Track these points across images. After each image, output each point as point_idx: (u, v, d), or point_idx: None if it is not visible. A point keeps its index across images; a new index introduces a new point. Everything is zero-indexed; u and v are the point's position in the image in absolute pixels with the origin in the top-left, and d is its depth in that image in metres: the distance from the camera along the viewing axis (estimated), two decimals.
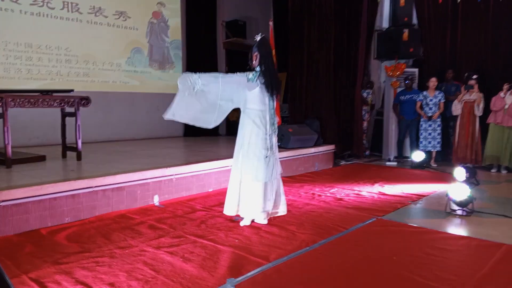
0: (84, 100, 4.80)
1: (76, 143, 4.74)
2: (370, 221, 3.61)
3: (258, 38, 3.43)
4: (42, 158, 4.71)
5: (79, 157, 4.75)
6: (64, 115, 4.94)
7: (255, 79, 3.35)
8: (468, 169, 5.03)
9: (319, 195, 4.60)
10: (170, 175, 4.27)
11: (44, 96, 4.48)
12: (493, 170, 6.26)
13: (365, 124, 7.86)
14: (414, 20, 7.78)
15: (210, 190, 4.69)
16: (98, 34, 7.33)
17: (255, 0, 9.92)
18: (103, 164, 4.49)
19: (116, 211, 3.76)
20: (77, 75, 7.08)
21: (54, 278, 2.35)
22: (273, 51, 6.91)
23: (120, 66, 7.67)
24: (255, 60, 3.40)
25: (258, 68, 3.39)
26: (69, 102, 4.67)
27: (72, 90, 4.90)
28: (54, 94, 4.64)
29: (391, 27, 7.83)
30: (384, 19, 8.07)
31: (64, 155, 4.99)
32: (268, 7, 10.02)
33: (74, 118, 4.71)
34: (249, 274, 2.43)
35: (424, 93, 6.83)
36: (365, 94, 7.83)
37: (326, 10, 7.25)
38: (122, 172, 3.91)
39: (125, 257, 2.69)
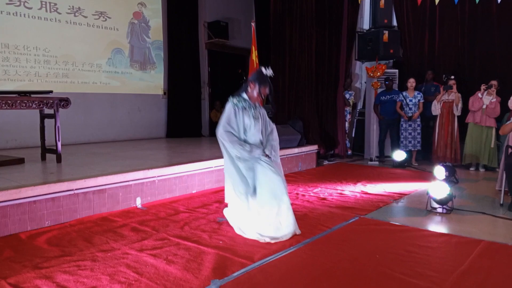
0: (64, 102, 4.70)
1: (56, 145, 4.64)
2: (353, 220, 3.65)
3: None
4: (20, 161, 4.60)
5: (58, 160, 4.66)
6: (43, 116, 4.83)
7: None
8: (447, 168, 5.14)
9: (303, 195, 4.63)
10: (153, 177, 4.23)
11: (22, 98, 4.37)
12: (471, 169, 6.41)
13: (347, 124, 7.95)
14: (394, 22, 7.92)
15: (194, 191, 4.66)
16: (78, 35, 7.20)
17: (237, 2, 9.93)
18: (84, 167, 4.41)
19: (98, 214, 3.70)
20: (56, 76, 6.94)
21: (34, 283, 2.29)
22: (255, 52, 6.96)
23: (100, 67, 7.56)
24: None
25: None
26: (48, 104, 4.57)
27: (51, 91, 4.79)
28: (33, 95, 4.53)
29: (371, 28, 7.95)
30: (364, 21, 8.19)
31: (43, 158, 4.88)
32: (250, 8, 10.04)
33: (53, 119, 4.61)
34: (233, 275, 2.42)
35: (404, 93, 6.95)
36: (347, 95, 7.92)
37: (308, 12, 7.31)
38: (103, 174, 3.84)
39: (107, 260, 2.65)
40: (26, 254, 2.75)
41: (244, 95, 3.32)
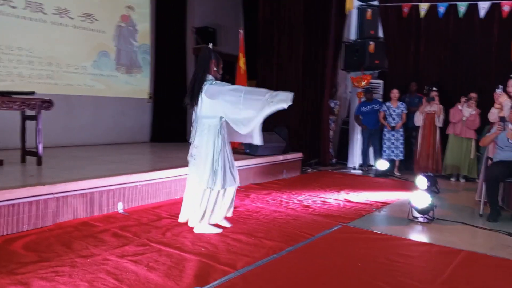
0: (46, 103, 4.61)
1: (37, 147, 4.54)
2: (336, 228, 3.66)
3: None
4: None
5: (39, 162, 4.56)
6: (24, 118, 4.72)
7: None
8: (429, 178, 5.21)
9: (287, 202, 4.63)
10: (135, 182, 4.17)
11: (3, 98, 4.26)
12: (452, 179, 6.52)
13: (331, 133, 8.01)
14: (380, 33, 8.04)
15: (177, 197, 4.62)
16: (63, 36, 7.10)
17: (226, 8, 9.95)
18: (65, 170, 4.33)
19: (78, 219, 3.62)
20: (40, 77, 6.81)
21: None
22: (243, 59, 6.97)
23: (85, 69, 7.46)
24: None
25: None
26: (29, 105, 4.47)
27: (33, 93, 4.70)
28: (14, 96, 4.44)
29: (358, 39, 8.05)
30: (351, 32, 8.30)
31: (23, 160, 4.77)
32: (238, 15, 10.07)
33: (34, 121, 4.52)
34: (215, 282, 2.40)
35: (387, 104, 7.05)
36: (332, 104, 7.98)
37: (296, 21, 7.37)
38: (85, 178, 3.78)
39: (86, 266, 2.59)
40: (1, 259, 2.66)
41: (210, 76, 3.31)
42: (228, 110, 3.21)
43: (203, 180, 3.26)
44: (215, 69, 3.37)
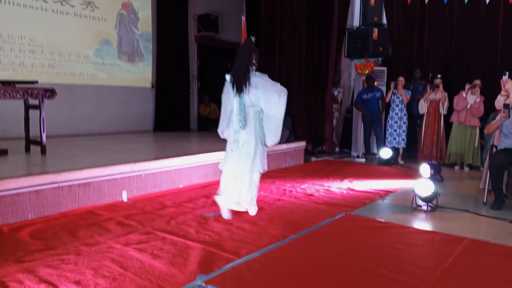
0: (49, 92, 4.61)
1: (41, 136, 4.56)
2: (339, 216, 3.67)
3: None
4: (4, 152, 4.50)
5: (43, 152, 4.58)
6: (28, 107, 4.73)
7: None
8: (433, 166, 5.21)
9: (290, 191, 4.64)
10: (139, 171, 4.18)
11: (6, 87, 4.27)
12: (456, 167, 6.50)
13: (335, 121, 7.98)
14: (384, 20, 7.95)
15: (181, 186, 4.64)
16: (65, 24, 7.06)
17: None
18: (69, 159, 4.35)
19: (83, 207, 3.65)
20: (42, 66, 6.80)
21: (16, 277, 2.25)
22: None
23: (87, 58, 7.43)
24: None
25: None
26: (32, 94, 4.48)
27: (36, 82, 4.70)
28: (17, 85, 4.44)
29: (361, 26, 7.97)
30: (355, 18, 8.21)
31: (27, 149, 4.79)
32: (241, 2, 9.97)
33: (38, 110, 4.52)
34: (219, 270, 2.42)
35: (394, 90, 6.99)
36: (335, 92, 7.94)
37: (298, 8, 7.28)
38: (89, 167, 3.79)
39: (92, 254, 2.61)
40: (8, 247, 2.70)
41: (254, 67, 3.53)
42: (268, 106, 3.46)
43: (256, 164, 3.48)
44: (254, 61, 3.54)
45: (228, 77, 3.54)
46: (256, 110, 3.47)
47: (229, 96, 3.54)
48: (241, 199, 3.51)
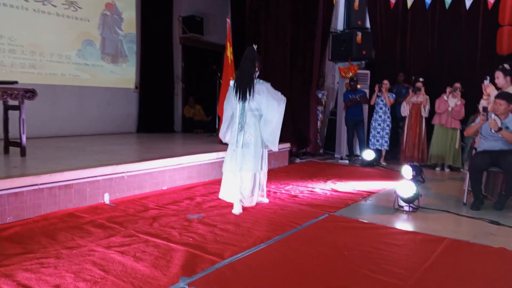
0: (29, 93, 4.52)
1: (20, 138, 4.46)
2: (323, 217, 3.69)
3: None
4: None
5: (23, 153, 4.48)
6: (7, 108, 4.62)
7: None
8: (414, 168, 5.29)
9: (275, 192, 4.65)
10: (122, 173, 4.13)
11: None
12: (437, 169, 6.61)
13: (319, 123, 8.04)
14: (368, 24, 8.05)
15: (164, 188, 4.60)
16: (46, 24, 6.94)
17: None
18: (50, 161, 4.27)
19: (64, 210, 3.58)
20: (22, 67, 6.66)
21: None
22: (230, 49, 6.90)
23: (70, 59, 7.32)
24: None
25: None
26: (12, 95, 4.37)
27: (16, 82, 4.60)
28: None
29: (345, 29, 8.05)
30: (339, 22, 8.30)
31: (6, 151, 4.68)
32: (226, 4, 9.96)
33: (18, 111, 4.42)
34: (202, 272, 2.40)
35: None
36: (320, 95, 8.00)
37: (283, 11, 7.32)
38: (70, 169, 3.73)
39: (72, 257, 2.57)
40: None
41: (257, 75, 3.79)
42: (267, 112, 3.73)
43: (258, 164, 3.81)
44: (257, 68, 3.78)
45: (232, 83, 3.84)
46: (257, 114, 3.77)
47: (230, 101, 3.84)
48: (244, 195, 3.82)
